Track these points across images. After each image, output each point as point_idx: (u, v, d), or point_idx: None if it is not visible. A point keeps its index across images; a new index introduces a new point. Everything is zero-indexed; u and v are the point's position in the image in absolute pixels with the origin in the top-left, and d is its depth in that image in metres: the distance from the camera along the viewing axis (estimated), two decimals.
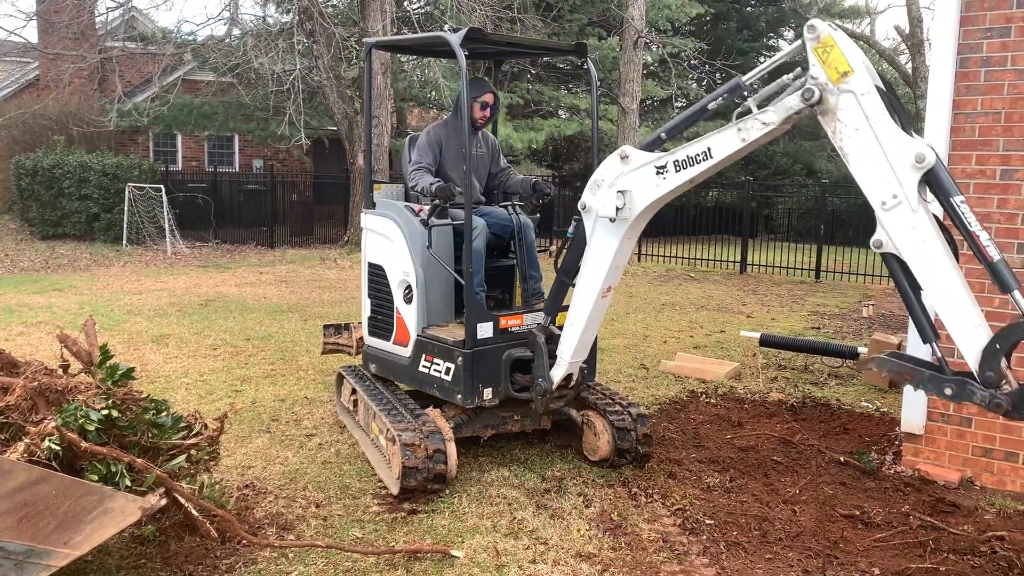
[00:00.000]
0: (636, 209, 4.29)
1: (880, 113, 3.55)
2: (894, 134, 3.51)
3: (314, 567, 3.93)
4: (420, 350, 5.20)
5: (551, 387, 4.86)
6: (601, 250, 4.51)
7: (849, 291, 14.09)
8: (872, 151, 3.57)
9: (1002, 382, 3.35)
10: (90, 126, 19.22)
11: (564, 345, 4.82)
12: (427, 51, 7.87)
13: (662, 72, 22.06)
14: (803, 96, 3.65)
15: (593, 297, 4.59)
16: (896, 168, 3.50)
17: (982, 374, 3.38)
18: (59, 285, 12.53)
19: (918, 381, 3.61)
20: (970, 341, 3.39)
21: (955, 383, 3.47)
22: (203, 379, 7.21)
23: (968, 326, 3.41)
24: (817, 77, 3.64)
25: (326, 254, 17.44)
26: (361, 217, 5.71)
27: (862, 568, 3.98)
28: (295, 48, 16.99)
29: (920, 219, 3.46)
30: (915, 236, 3.48)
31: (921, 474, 5.17)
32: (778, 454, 5.58)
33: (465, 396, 4.90)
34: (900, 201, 3.50)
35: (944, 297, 3.44)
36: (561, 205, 22.65)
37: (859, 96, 3.57)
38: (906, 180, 3.48)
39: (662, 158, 4.16)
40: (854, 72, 3.57)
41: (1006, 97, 4.85)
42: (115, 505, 3.26)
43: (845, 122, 3.63)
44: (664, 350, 8.77)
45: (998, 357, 3.34)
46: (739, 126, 3.87)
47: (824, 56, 3.62)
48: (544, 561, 4.03)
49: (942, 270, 3.43)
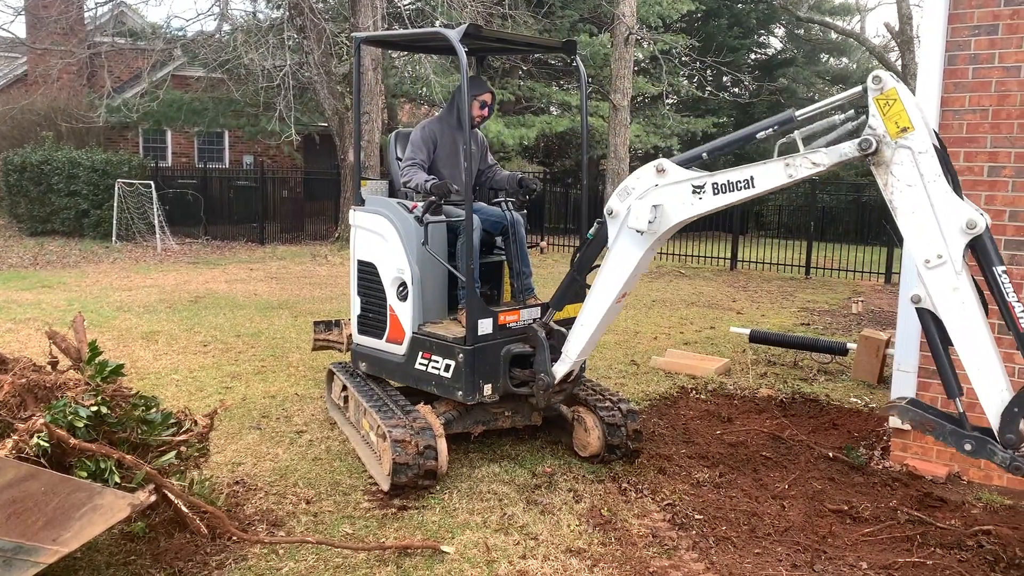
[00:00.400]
0: (666, 224, 4.27)
1: (935, 174, 3.63)
2: (947, 196, 3.59)
3: (304, 563, 3.93)
4: (416, 348, 5.19)
5: (554, 381, 4.88)
6: (623, 258, 4.49)
7: (839, 287, 14.15)
8: (923, 210, 3.64)
9: (1022, 444, 3.49)
10: (79, 122, 19.14)
11: (572, 344, 4.84)
12: (418, 47, 7.85)
13: (653, 69, 22.09)
14: (860, 146, 3.72)
15: (608, 302, 4.61)
16: (945, 230, 3.59)
17: (1003, 436, 3.53)
18: (48, 282, 12.47)
19: (940, 434, 3.77)
20: (994, 401, 3.54)
21: (975, 440, 3.63)
22: (193, 376, 7.19)
23: (995, 388, 3.55)
24: (876, 128, 3.71)
25: (317, 250, 17.41)
26: (350, 214, 5.68)
27: (850, 562, 4.01)
28: (285, 44, 16.95)
29: (962, 281, 3.58)
30: (955, 297, 3.60)
31: (909, 469, 5.20)
32: (767, 450, 5.60)
33: (466, 393, 4.91)
34: (945, 262, 3.60)
35: (975, 358, 3.58)
36: (552, 202, 22.70)
37: (916, 153, 3.64)
38: (953, 243, 3.58)
39: (700, 178, 4.14)
40: (914, 129, 3.63)
41: (993, 94, 4.88)
42: (104, 502, 3.25)
43: (899, 177, 3.69)
44: (654, 346, 8.80)
45: (1017, 419, 3.49)
46: (787, 162, 3.91)
47: (885, 108, 3.67)
48: (534, 556, 4.04)
49: (977, 333, 3.57)
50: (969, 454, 3.68)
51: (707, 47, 22.26)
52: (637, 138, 20.91)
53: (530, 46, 5.98)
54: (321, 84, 17.52)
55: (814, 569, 3.93)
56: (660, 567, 3.95)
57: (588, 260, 4.80)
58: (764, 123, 4.08)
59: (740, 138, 4.21)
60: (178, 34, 19.31)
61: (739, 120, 26.28)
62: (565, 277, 4.96)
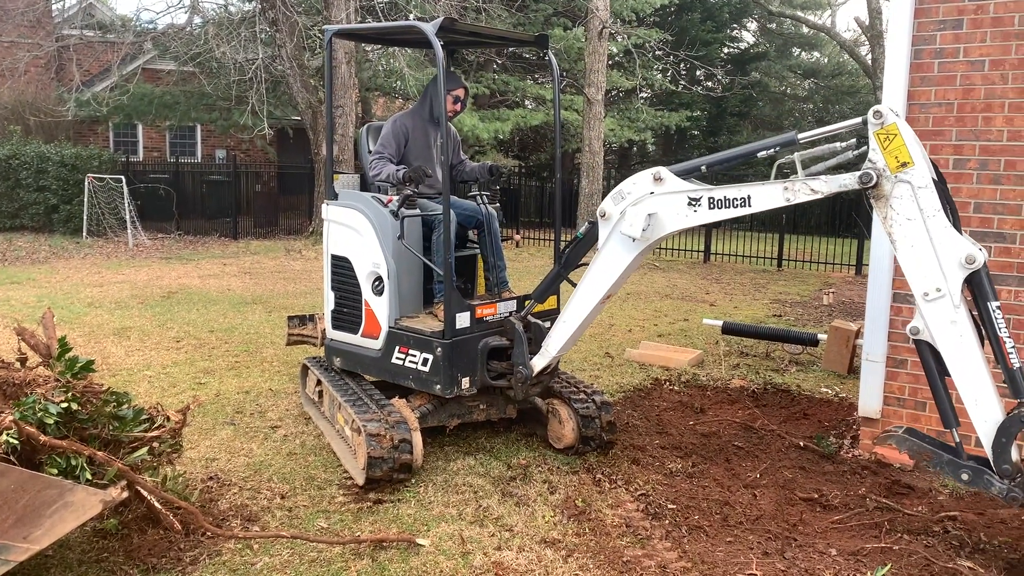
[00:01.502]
0: (659, 233, 4.33)
1: (935, 209, 3.67)
2: (946, 231, 3.65)
3: (279, 558, 3.93)
4: (393, 342, 5.18)
5: (532, 374, 4.92)
6: (612, 261, 4.53)
7: (810, 279, 14.30)
8: (922, 244, 3.71)
9: (1018, 475, 3.59)
10: (47, 116, 18.86)
11: (553, 340, 4.88)
12: (391, 40, 7.82)
13: (627, 63, 22.15)
14: (860, 179, 3.79)
15: (593, 302, 4.65)
16: (944, 264, 3.66)
17: (998, 467, 3.62)
18: (17, 278, 12.30)
19: (937, 463, 3.85)
20: (991, 432, 3.62)
21: (972, 470, 3.73)
22: (166, 372, 7.14)
23: (992, 419, 3.63)
24: (876, 162, 3.75)
25: (291, 245, 17.32)
26: (322, 209, 5.65)
27: (820, 549, 4.08)
28: (257, 37, 16.80)
29: (960, 315, 3.65)
30: (953, 330, 3.67)
31: (878, 457, 5.29)
32: (739, 439, 5.67)
33: (445, 386, 4.92)
34: (943, 295, 3.67)
35: (972, 389, 3.67)
36: (528, 196, 22.73)
37: (916, 188, 3.69)
38: (952, 277, 3.65)
39: (697, 191, 4.19)
40: (914, 164, 3.68)
41: (958, 88, 4.96)
42: (75, 499, 3.24)
43: (898, 211, 3.75)
44: (629, 339, 8.85)
45: (1007, 448, 3.60)
46: (786, 185, 3.97)
47: (885, 143, 3.72)
48: (509, 548, 4.07)
49: (974, 364, 3.66)
50: (966, 484, 3.76)
51: (680, 41, 22.38)
52: (612, 132, 20.97)
53: (502, 40, 5.98)
54: (294, 78, 17.39)
55: (784, 556, 3.99)
56: (634, 556, 4.00)
57: (576, 257, 4.86)
58: (767, 142, 4.15)
59: (741, 154, 4.28)
60: (148, 27, 19.09)
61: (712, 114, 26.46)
62: (551, 271, 5.03)
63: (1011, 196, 4.86)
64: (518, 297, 5.38)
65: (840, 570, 3.85)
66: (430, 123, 5.68)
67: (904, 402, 5.27)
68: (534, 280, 11.40)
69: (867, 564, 3.91)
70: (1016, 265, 4.88)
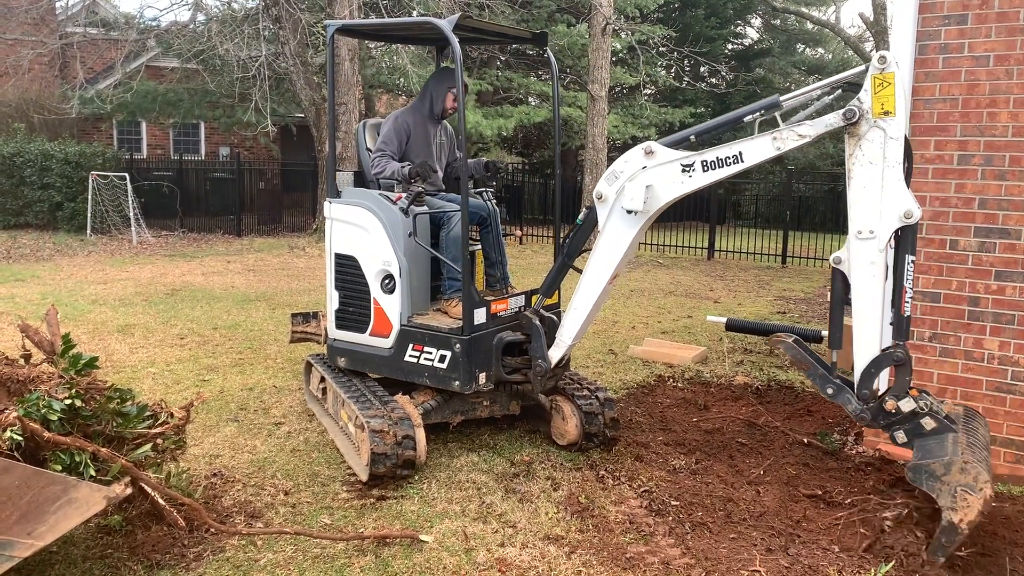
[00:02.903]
0: (657, 204, 4.45)
1: (896, 161, 3.98)
2: (898, 184, 3.96)
3: (283, 554, 3.94)
4: (406, 340, 5.15)
5: (551, 366, 4.98)
6: (616, 240, 4.63)
7: (814, 276, 14.27)
8: (873, 187, 4.00)
9: (872, 401, 4.15)
10: (51, 113, 18.88)
11: (566, 328, 4.95)
12: (393, 36, 7.79)
13: (631, 59, 22.11)
14: (845, 115, 4.00)
15: (602, 284, 4.73)
16: (885, 211, 3.98)
17: (859, 390, 4.19)
18: (21, 275, 12.32)
19: (812, 374, 4.39)
20: (864, 361, 4.14)
21: (837, 387, 4.28)
22: (170, 369, 7.15)
23: (869, 351, 4.12)
24: (863, 102, 3.98)
25: (295, 242, 17.33)
26: (325, 207, 5.61)
27: (823, 546, 4.07)
28: (261, 34, 16.80)
29: (880, 258, 4.02)
30: (870, 270, 4.06)
31: (882, 454, 5.27)
32: (743, 436, 5.66)
33: (464, 382, 4.93)
34: (874, 238, 4.02)
35: (864, 323, 4.13)
36: (532, 193, 22.70)
37: (888, 137, 3.96)
38: (887, 225, 3.99)
39: (689, 157, 4.33)
40: (895, 115, 3.93)
41: (963, 83, 4.94)
42: (79, 495, 3.24)
43: (865, 152, 4.02)
44: (632, 335, 8.85)
45: (872, 379, 4.14)
46: (774, 135, 4.16)
47: (878, 88, 3.94)
48: (512, 544, 4.07)
49: (874, 303, 4.09)
50: (830, 397, 4.30)
51: (684, 37, 22.31)
52: (615, 128, 20.94)
53: (502, 36, 5.96)
54: (297, 75, 17.40)
55: (788, 553, 3.99)
56: (637, 553, 4.00)
57: (578, 245, 4.95)
58: (751, 107, 4.35)
59: (727, 121, 4.42)
60: (152, 24, 19.09)
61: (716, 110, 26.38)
62: (555, 264, 5.09)
63: (1016, 192, 4.84)
64: (526, 292, 5.40)
65: (843, 567, 3.85)
66: (430, 120, 5.68)
67: None
68: (537, 277, 11.40)
69: (870, 561, 3.90)
70: (1021, 261, 4.86)
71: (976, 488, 3.69)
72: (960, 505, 3.72)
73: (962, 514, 3.71)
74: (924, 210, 5.09)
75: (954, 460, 3.78)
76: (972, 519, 3.69)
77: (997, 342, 4.96)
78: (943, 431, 4.03)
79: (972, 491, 3.70)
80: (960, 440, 3.95)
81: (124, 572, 3.72)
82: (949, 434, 4.01)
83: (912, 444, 4.09)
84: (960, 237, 5.02)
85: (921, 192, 5.11)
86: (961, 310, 5.06)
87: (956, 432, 4.02)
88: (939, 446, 3.95)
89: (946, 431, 4.02)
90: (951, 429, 4.03)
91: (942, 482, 3.77)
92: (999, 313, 4.94)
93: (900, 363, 4.05)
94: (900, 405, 4.07)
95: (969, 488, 3.71)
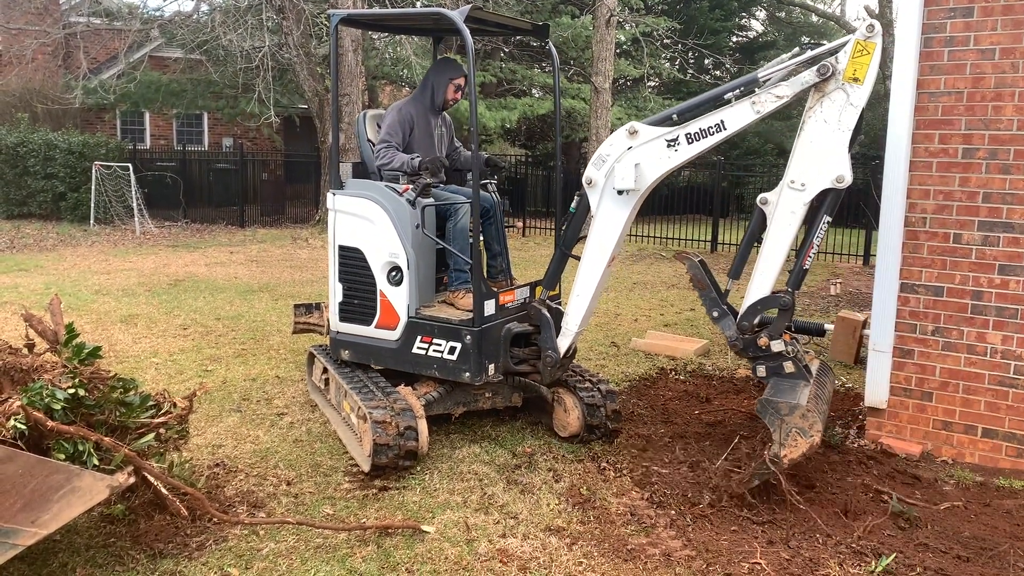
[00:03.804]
0: (646, 181, 4.58)
1: (848, 127, 4.19)
2: (841, 149, 4.21)
3: (285, 544, 3.95)
4: (414, 332, 5.14)
5: (560, 356, 5.03)
6: (610, 222, 4.73)
7: (817, 269, 14.24)
8: (820, 144, 4.26)
9: (747, 333, 4.56)
10: (55, 103, 18.88)
11: (571, 316, 5.00)
12: (399, 27, 7.76)
13: (635, 51, 22.06)
14: (819, 70, 4.19)
15: (601, 268, 4.81)
16: (821, 170, 4.27)
17: (740, 321, 4.60)
18: (25, 265, 12.35)
19: (704, 296, 4.83)
20: (753, 297, 4.55)
21: (722, 312, 4.72)
22: (173, 359, 7.17)
23: (762, 289, 4.53)
24: (840, 63, 4.17)
25: (297, 233, 17.33)
26: (328, 198, 5.58)
27: (823, 538, 4.07)
28: (264, 24, 16.77)
29: (801, 211, 4.37)
30: (790, 218, 4.40)
31: (884, 447, 5.28)
32: (745, 429, 5.66)
33: (474, 374, 4.95)
34: (804, 191, 4.33)
35: (766, 264, 4.52)
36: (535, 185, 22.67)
37: (848, 103, 4.16)
38: (818, 183, 4.30)
39: (672, 131, 4.48)
40: (862, 84, 4.13)
41: (968, 77, 4.93)
42: (83, 484, 3.25)
43: (823, 110, 4.23)
44: (635, 328, 8.85)
45: (756, 314, 4.56)
46: (753, 100, 4.32)
47: (857, 53, 4.14)
48: (514, 535, 4.08)
49: (781, 249, 4.45)
50: (713, 320, 4.75)
51: (688, 30, 22.25)
52: (619, 121, 20.87)
53: (503, 28, 5.94)
54: (300, 65, 17.37)
55: (789, 545, 4.00)
56: (638, 544, 4.01)
57: (574, 233, 5.01)
58: (731, 84, 4.53)
59: (709, 98, 4.55)
60: (155, 14, 19.08)
61: None
62: (554, 256, 5.13)
63: (1020, 186, 4.83)
64: (530, 284, 5.41)
65: (844, 559, 3.85)
66: (431, 111, 5.67)
67: (911, 392, 5.26)
68: (539, 269, 11.39)
69: (871, 554, 3.91)
70: None
71: (808, 434, 4.15)
72: (789, 444, 4.17)
73: (788, 451, 4.17)
74: (928, 203, 5.10)
75: (799, 406, 4.20)
76: (794, 458, 4.16)
77: (1000, 336, 4.95)
78: (798, 378, 4.49)
79: (804, 435, 4.16)
80: (810, 391, 4.39)
81: (127, 560, 3.74)
82: (802, 382, 4.47)
83: (769, 380, 4.53)
84: (964, 231, 5.01)
85: (925, 186, 5.11)
86: (964, 304, 5.05)
87: (809, 383, 4.48)
88: (791, 390, 4.39)
89: (801, 379, 4.49)
90: (806, 379, 4.51)
91: (783, 420, 4.21)
92: (1002, 307, 4.94)
93: (785, 308, 4.47)
94: (772, 344, 4.50)
95: (802, 432, 4.16)
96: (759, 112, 4.29)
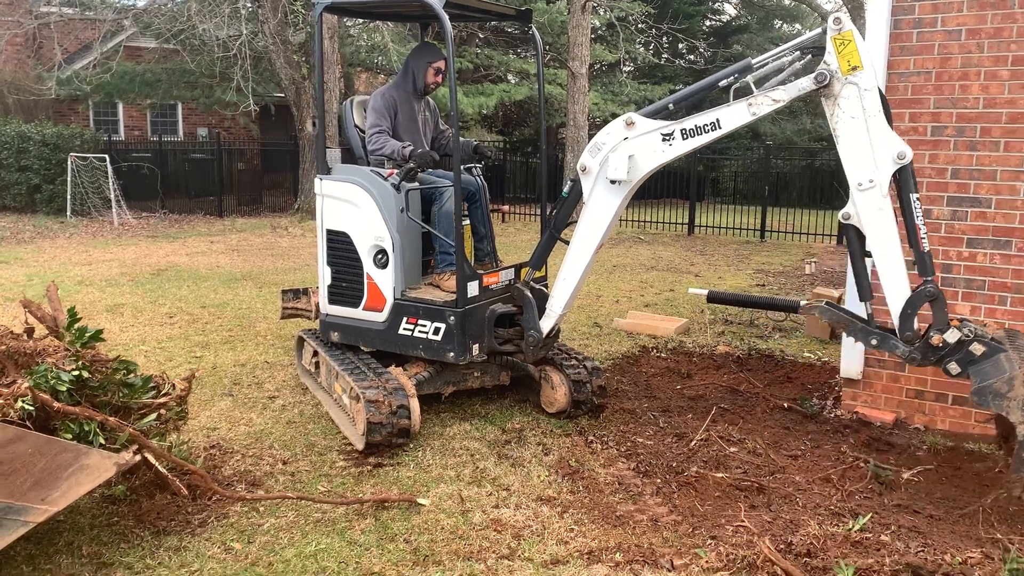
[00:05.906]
0: (640, 172, 4.63)
1: (876, 109, 4.12)
2: (884, 129, 4.10)
3: (285, 519, 4.07)
4: (400, 314, 5.27)
5: (543, 336, 5.13)
6: (601, 210, 4.80)
7: (792, 250, 14.50)
8: (861, 139, 4.16)
9: (916, 341, 4.21)
10: (27, 95, 18.67)
11: (556, 299, 5.11)
12: (382, 14, 7.82)
13: (610, 36, 22.14)
14: (816, 79, 4.17)
15: (589, 253, 4.90)
16: (878, 158, 4.12)
17: (902, 333, 4.24)
18: (4, 258, 12.29)
19: (851, 331, 4.47)
20: (900, 304, 4.21)
21: (880, 336, 4.36)
22: (161, 346, 7.23)
23: (901, 293, 4.20)
24: (830, 64, 4.16)
25: (277, 222, 17.32)
26: (316, 183, 5.67)
27: (803, 503, 4.25)
28: (240, 13, 16.68)
29: (887, 203, 4.15)
30: (879, 216, 4.17)
31: (859, 416, 5.48)
32: (725, 402, 5.85)
33: (458, 354, 5.07)
34: (875, 186, 4.15)
35: (889, 269, 4.20)
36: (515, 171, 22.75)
37: (862, 90, 4.12)
38: (883, 170, 4.12)
39: (669, 126, 4.51)
40: (863, 68, 4.10)
41: (936, 57, 5.10)
42: (91, 462, 3.36)
43: (844, 109, 4.18)
44: (616, 309, 9.01)
45: (911, 318, 4.21)
46: (749, 101, 4.34)
47: (840, 47, 4.13)
48: (507, 506, 4.23)
49: (892, 247, 4.18)
50: (875, 347, 4.42)
51: (663, 14, 22.35)
52: (595, 106, 21.01)
53: (485, 13, 6.03)
54: (277, 54, 17.31)
55: (770, 509, 4.17)
56: (626, 511, 4.17)
57: (564, 217, 5.09)
58: (725, 71, 4.54)
59: (704, 87, 4.60)
60: (129, 4, 18.87)
61: None
62: (542, 237, 5.23)
63: (986, 162, 5.02)
64: (515, 266, 5.53)
65: (823, 520, 4.03)
66: (414, 95, 5.76)
67: (884, 363, 5.46)
68: (521, 253, 11.52)
69: (848, 514, 4.09)
70: (991, 229, 5.05)
71: None
72: None
73: None
74: None
75: (1015, 375, 3.87)
76: None
77: (968, 307, 5.15)
78: (994, 353, 4.06)
79: None
80: (1013, 357, 4.00)
81: (132, 538, 3.83)
82: (1001, 354, 4.04)
83: (967, 373, 4.12)
84: (934, 207, 5.19)
85: None
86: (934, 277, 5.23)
87: (1007, 351, 4.05)
88: (995, 367, 4.01)
89: (997, 352, 4.06)
90: (1001, 349, 4.07)
91: (1008, 399, 3.87)
92: (971, 279, 5.14)
93: (933, 298, 4.12)
94: (945, 338, 4.11)
95: None
96: (755, 114, 4.32)
